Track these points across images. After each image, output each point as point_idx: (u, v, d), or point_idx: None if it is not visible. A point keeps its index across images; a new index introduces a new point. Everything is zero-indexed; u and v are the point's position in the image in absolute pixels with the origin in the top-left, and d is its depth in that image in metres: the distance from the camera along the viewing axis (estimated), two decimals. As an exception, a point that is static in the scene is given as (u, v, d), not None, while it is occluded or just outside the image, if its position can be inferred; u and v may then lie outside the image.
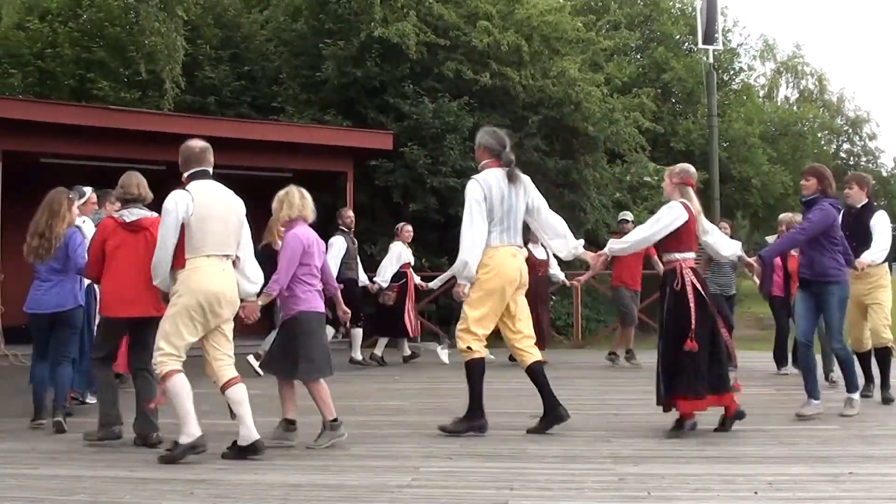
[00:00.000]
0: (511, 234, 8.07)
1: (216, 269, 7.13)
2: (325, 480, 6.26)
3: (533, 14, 20.76)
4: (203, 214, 7.23)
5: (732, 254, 8.56)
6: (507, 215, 8.02)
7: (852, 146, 51.35)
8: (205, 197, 7.42)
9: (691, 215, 7.94)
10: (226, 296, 7.14)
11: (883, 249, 9.40)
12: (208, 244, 7.15)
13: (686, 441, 7.53)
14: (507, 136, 8.37)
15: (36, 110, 14.49)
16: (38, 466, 6.72)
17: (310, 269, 7.62)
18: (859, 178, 9.92)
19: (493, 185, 8.02)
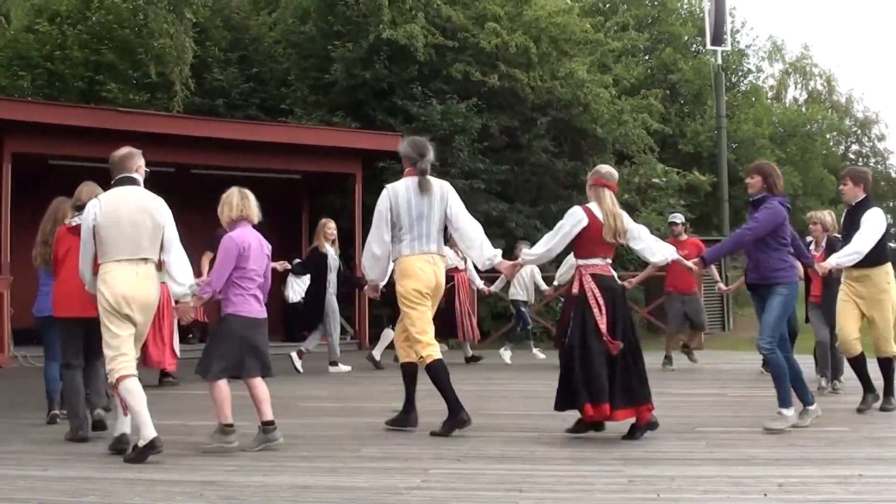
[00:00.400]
0: (424, 242, 8.09)
1: (127, 272, 7.20)
2: (335, 482, 6.26)
3: (541, 15, 20.78)
4: (111, 221, 7.30)
5: (663, 259, 8.41)
6: (417, 223, 8.09)
7: (861, 147, 51.25)
8: (114, 204, 7.45)
9: (593, 220, 7.78)
10: (136, 299, 7.19)
11: (855, 252, 8.78)
12: (118, 249, 7.24)
13: (695, 443, 7.52)
14: (427, 145, 8.52)
15: (45, 112, 14.53)
16: (48, 468, 6.72)
17: (245, 272, 7.51)
18: (854, 174, 9.37)
19: (400, 193, 8.16)
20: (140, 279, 7.24)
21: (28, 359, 14.22)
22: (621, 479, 6.26)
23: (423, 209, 8.10)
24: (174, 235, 7.51)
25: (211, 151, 15.62)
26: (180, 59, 18.31)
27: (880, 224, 8.94)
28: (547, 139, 20.59)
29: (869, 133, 50.62)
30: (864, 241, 8.82)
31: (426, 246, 8.10)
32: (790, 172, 31.63)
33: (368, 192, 18.01)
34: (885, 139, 50.28)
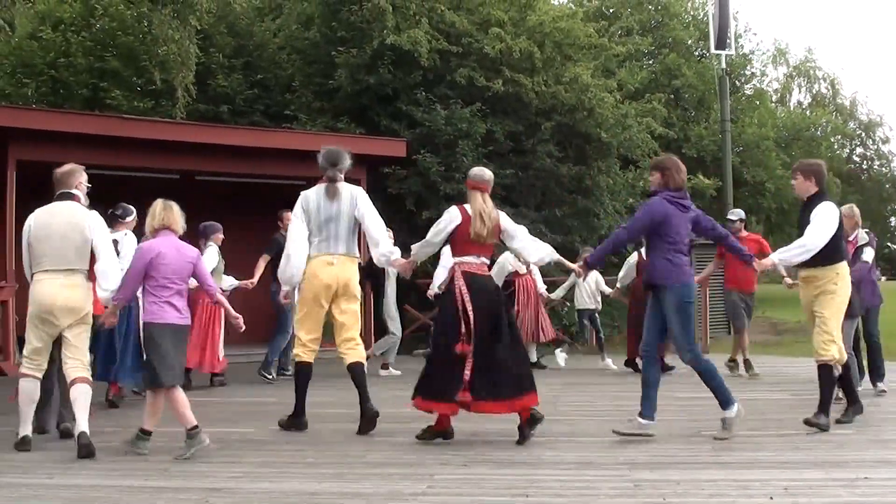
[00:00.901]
0: (330, 243, 8.65)
1: (54, 282, 7.76)
2: (341, 488, 6.26)
3: (545, 20, 20.76)
4: (42, 234, 7.93)
5: (540, 259, 8.54)
6: (325, 226, 8.66)
7: (865, 150, 51.27)
8: (44, 217, 8.06)
9: (466, 219, 8.01)
10: (57, 305, 7.71)
11: (801, 247, 8.28)
12: (46, 260, 7.84)
13: (701, 446, 7.53)
14: (340, 155, 9.16)
15: (50, 120, 14.54)
16: (54, 475, 6.74)
17: (157, 280, 7.70)
18: (803, 167, 8.86)
19: (311, 198, 8.84)
20: (64, 288, 7.76)
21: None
22: (627, 483, 6.27)
23: (332, 213, 8.69)
24: (104, 245, 7.95)
25: (215, 158, 15.63)
26: (184, 66, 18.34)
27: (831, 218, 8.37)
28: (551, 144, 20.56)
29: (873, 136, 50.64)
30: (813, 235, 8.30)
31: (333, 247, 8.64)
32: (795, 176, 31.60)
33: (374, 199, 17.99)
34: (890, 142, 50.35)
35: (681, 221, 8.04)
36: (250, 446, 7.91)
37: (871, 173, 50.20)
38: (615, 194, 22.54)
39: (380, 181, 18.52)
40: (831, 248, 8.32)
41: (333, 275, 8.56)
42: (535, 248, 8.46)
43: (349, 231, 8.78)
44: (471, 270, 8.00)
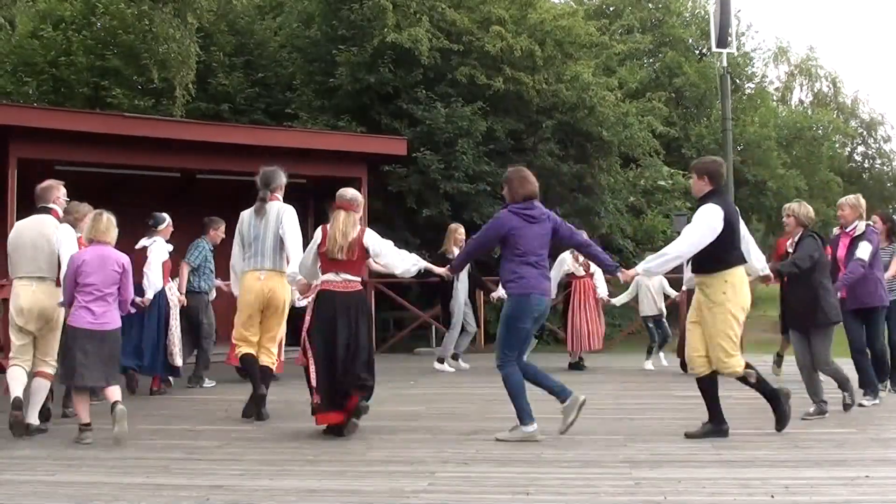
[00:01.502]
0: (258, 259, 9.31)
1: (26, 288, 8.55)
2: (341, 486, 6.27)
3: (546, 19, 20.75)
4: (16, 244, 8.74)
5: (405, 271, 8.65)
6: (254, 242, 9.35)
7: (867, 149, 51.22)
8: (20, 228, 8.90)
9: (324, 239, 8.32)
10: (30, 311, 8.50)
11: (664, 257, 7.94)
12: (20, 268, 8.65)
13: (702, 445, 7.52)
14: (273, 174, 9.61)
15: (51, 118, 14.53)
16: (55, 473, 6.74)
17: (81, 287, 8.16)
18: (698, 166, 8.33)
19: (244, 217, 9.51)
20: (36, 294, 8.55)
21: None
22: (628, 481, 6.27)
23: (259, 230, 9.34)
24: (66, 257, 8.46)
25: (216, 156, 15.61)
26: (185, 64, 18.33)
27: (705, 222, 7.81)
28: (552, 142, 20.56)
29: (875, 134, 50.56)
30: (677, 242, 8.00)
31: (259, 262, 9.31)
32: (796, 175, 31.66)
33: (374, 197, 18.04)
34: (891, 140, 50.24)
35: (529, 233, 8.01)
36: (250, 444, 7.91)
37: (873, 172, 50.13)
38: (616, 193, 22.57)
39: (380, 179, 18.52)
40: (714, 254, 7.85)
41: (262, 287, 9.26)
42: (399, 260, 8.61)
43: (274, 247, 9.31)
44: (328, 288, 8.31)
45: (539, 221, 8.07)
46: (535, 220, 8.06)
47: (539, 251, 7.99)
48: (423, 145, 18.89)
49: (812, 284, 8.71)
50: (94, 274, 8.16)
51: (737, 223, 7.97)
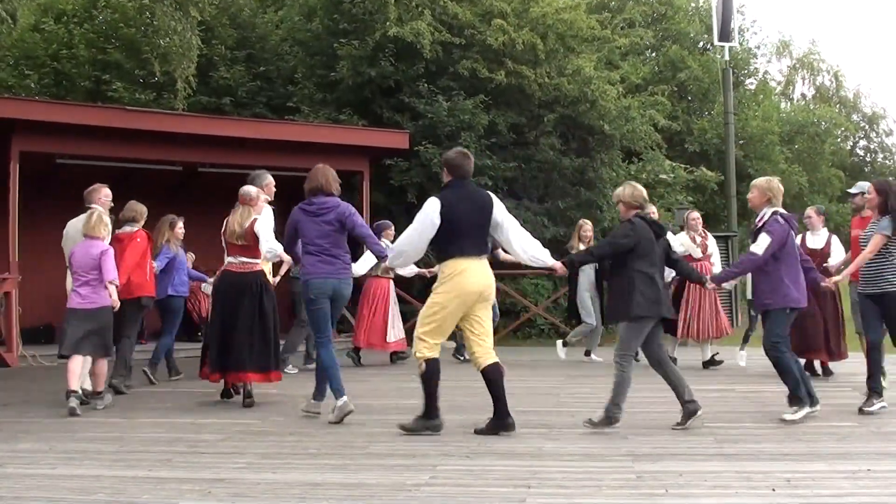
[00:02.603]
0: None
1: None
2: (343, 479, 6.26)
3: (548, 12, 20.71)
4: (65, 241, 10.38)
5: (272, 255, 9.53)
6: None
7: (869, 143, 51.22)
8: (68, 227, 10.55)
9: (226, 226, 9.73)
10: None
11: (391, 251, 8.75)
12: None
13: (704, 438, 7.52)
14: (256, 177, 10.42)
15: (52, 111, 14.53)
16: (57, 466, 6.74)
17: (74, 274, 9.68)
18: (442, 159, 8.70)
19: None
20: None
21: (37, 358, 14.23)
22: (630, 474, 6.27)
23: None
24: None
25: (218, 149, 15.62)
26: (186, 57, 18.31)
27: (421, 216, 8.15)
28: (554, 136, 20.55)
29: (877, 128, 50.59)
30: (402, 237, 8.47)
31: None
32: (797, 171, 31.63)
33: (376, 190, 18.05)
34: (893, 134, 50.27)
35: (312, 225, 8.85)
36: (253, 437, 7.91)
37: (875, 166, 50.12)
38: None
39: (382, 173, 18.52)
40: (435, 244, 8.15)
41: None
42: (267, 246, 9.44)
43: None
44: (228, 269, 9.78)
45: (322, 214, 8.89)
46: (315, 214, 8.92)
47: (321, 241, 8.84)
48: (425, 139, 18.88)
49: (627, 274, 8.17)
50: (78, 262, 9.55)
51: (462, 215, 8.03)
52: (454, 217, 7.94)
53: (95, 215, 9.83)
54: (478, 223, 8.08)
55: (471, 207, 8.09)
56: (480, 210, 8.13)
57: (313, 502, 5.70)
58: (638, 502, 5.59)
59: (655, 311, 8.07)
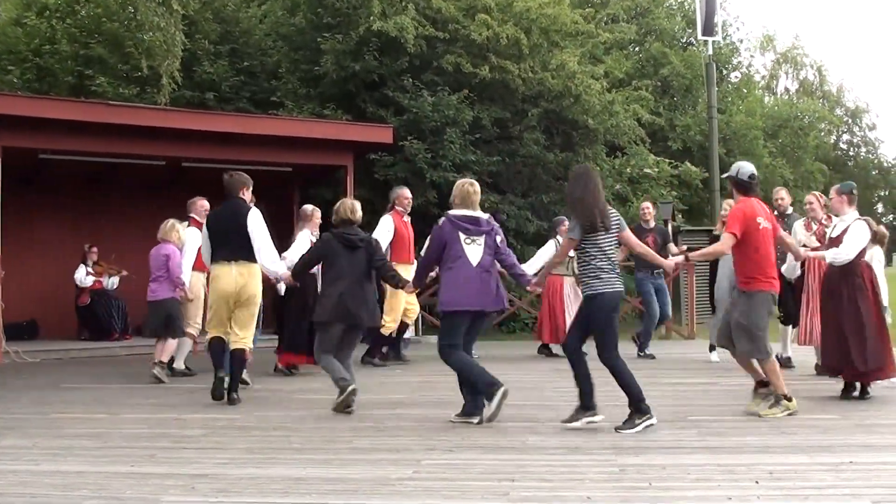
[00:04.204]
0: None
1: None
2: (327, 474, 6.27)
3: (532, 7, 20.71)
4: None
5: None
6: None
7: (852, 137, 51.43)
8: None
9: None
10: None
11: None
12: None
13: (687, 432, 7.55)
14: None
15: (35, 106, 14.45)
16: (40, 462, 6.72)
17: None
18: None
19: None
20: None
21: (20, 354, 14.19)
22: (613, 468, 6.28)
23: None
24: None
25: (201, 144, 15.55)
26: (170, 52, 18.26)
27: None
28: (538, 131, 20.57)
29: (860, 122, 50.85)
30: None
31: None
32: (781, 165, 31.71)
33: (360, 185, 18.01)
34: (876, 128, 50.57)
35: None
36: (236, 432, 7.91)
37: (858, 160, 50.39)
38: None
39: (367, 167, 18.51)
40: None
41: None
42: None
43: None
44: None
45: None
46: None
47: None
48: (410, 134, 18.88)
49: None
50: (152, 262, 11.71)
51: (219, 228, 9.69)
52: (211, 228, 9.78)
53: (170, 224, 11.85)
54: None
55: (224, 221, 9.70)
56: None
57: (297, 497, 5.69)
58: (621, 495, 5.60)
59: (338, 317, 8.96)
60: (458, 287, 8.22)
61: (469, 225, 8.33)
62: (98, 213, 17.44)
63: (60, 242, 16.90)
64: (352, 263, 9.05)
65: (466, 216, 8.39)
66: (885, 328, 9.21)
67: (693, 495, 5.56)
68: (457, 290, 8.22)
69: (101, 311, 16.10)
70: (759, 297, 8.33)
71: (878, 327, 9.14)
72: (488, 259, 8.36)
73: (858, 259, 9.23)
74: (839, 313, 9.21)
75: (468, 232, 8.31)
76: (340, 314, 8.93)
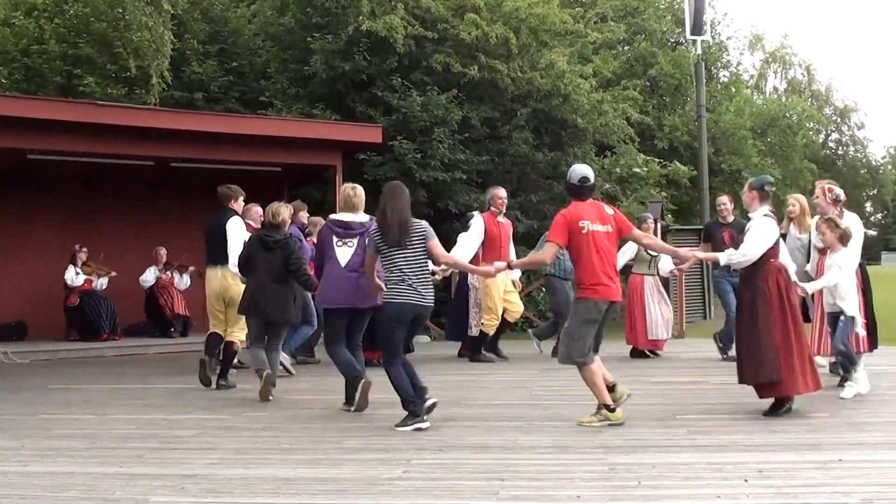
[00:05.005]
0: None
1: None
2: (317, 474, 6.27)
3: (521, 6, 20.69)
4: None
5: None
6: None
7: (841, 136, 51.58)
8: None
9: None
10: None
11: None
12: None
13: (676, 430, 7.55)
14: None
15: (23, 106, 14.40)
16: (29, 464, 6.71)
17: None
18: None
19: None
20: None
21: (9, 355, 14.16)
22: (602, 466, 6.29)
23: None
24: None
25: (190, 144, 15.51)
26: (159, 52, 18.21)
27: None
28: (527, 130, 20.55)
29: (848, 121, 50.98)
30: None
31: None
32: (770, 164, 31.73)
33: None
34: (864, 127, 50.74)
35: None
36: (226, 433, 7.90)
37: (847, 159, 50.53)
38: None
39: (356, 167, 18.47)
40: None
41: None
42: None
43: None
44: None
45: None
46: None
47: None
48: (399, 133, 18.85)
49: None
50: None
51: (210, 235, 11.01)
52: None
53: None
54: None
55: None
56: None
57: (286, 497, 5.69)
58: (611, 494, 5.61)
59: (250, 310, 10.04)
60: (329, 286, 8.96)
61: (340, 228, 9.04)
62: (87, 214, 17.39)
63: (49, 243, 16.85)
64: (267, 262, 9.83)
65: (339, 220, 9.10)
66: (790, 341, 8.14)
67: (682, 494, 5.57)
68: (328, 290, 8.96)
69: (90, 312, 16.05)
70: (580, 304, 8.13)
71: (780, 338, 8.13)
72: (357, 260, 8.90)
73: (765, 260, 8.34)
74: (738, 319, 8.64)
75: (339, 235, 9.01)
76: (251, 308, 9.95)
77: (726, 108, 31.74)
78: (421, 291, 8.03)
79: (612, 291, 8.06)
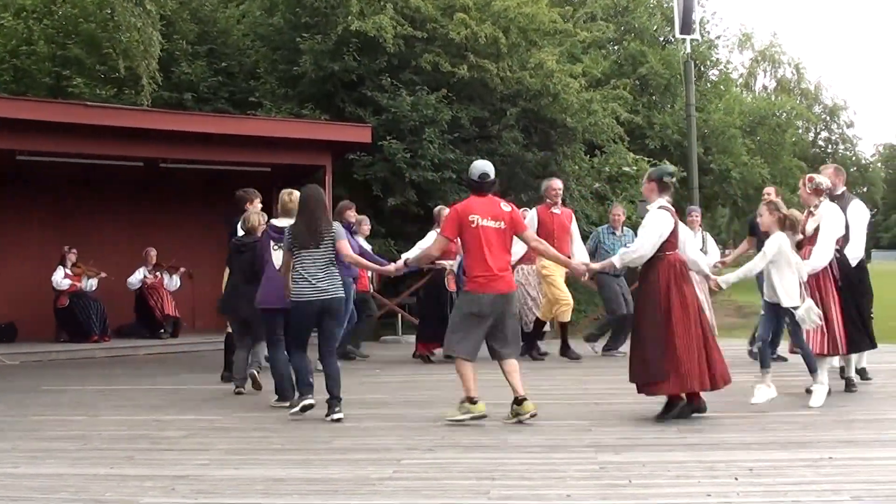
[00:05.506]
0: None
1: None
2: (307, 474, 6.27)
3: (510, 6, 20.70)
4: None
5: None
6: None
7: (830, 134, 51.66)
8: None
9: None
10: None
11: None
12: None
13: (667, 428, 7.57)
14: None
15: (13, 107, 14.36)
16: (20, 465, 6.70)
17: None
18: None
19: None
20: None
21: (2, 359, 14.12)
22: (593, 465, 6.29)
23: None
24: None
25: (179, 145, 15.47)
26: (147, 53, 18.16)
27: None
28: (517, 130, 20.57)
29: (837, 120, 51.06)
30: None
31: None
32: (759, 163, 31.81)
33: (339, 184, 17.96)
34: (854, 125, 50.85)
35: None
36: (217, 433, 7.90)
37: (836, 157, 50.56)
38: (581, 179, 22.59)
39: (346, 167, 18.47)
40: None
41: None
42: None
43: None
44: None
45: None
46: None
47: None
48: (389, 133, 18.85)
49: None
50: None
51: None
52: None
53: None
54: None
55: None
56: None
57: (277, 498, 5.69)
58: (601, 493, 5.61)
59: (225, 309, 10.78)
60: (264, 287, 9.40)
61: (276, 233, 9.49)
62: (77, 215, 17.34)
63: (39, 244, 16.81)
64: (239, 263, 10.31)
65: (275, 226, 9.62)
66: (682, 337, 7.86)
67: (673, 492, 5.58)
68: (266, 291, 9.37)
69: (80, 313, 16.00)
70: (463, 297, 8.43)
71: (667, 334, 7.88)
72: None
73: (660, 255, 8.07)
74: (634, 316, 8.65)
75: (275, 240, 9.48)
76: (228, 307, 10.63)
77: (716, 106, 31.83)
78: (320, 286, 8.52)
79: (500, 285, 8.14)
